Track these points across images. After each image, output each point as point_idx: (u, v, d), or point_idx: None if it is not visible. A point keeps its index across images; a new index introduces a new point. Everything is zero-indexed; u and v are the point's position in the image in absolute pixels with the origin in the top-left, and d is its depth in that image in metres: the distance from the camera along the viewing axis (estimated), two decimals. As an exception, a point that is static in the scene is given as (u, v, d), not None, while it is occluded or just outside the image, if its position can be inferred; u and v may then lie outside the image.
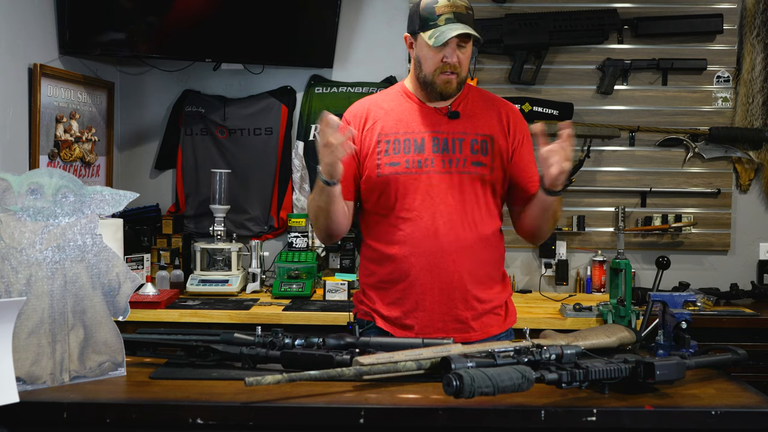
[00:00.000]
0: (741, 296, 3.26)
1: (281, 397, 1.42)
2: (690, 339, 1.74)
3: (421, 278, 1.98)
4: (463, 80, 2.03)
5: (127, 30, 3.23)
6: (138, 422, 1.40)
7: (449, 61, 1.96)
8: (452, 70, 1.98)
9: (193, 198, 3.62)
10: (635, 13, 3.47)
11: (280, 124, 3.59)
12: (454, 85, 2.00)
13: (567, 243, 3.53)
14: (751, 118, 3.45)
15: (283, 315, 2.92)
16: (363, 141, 2.06)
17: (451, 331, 1.97)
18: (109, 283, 1.60)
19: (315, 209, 2.01)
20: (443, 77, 1.99)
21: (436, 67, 1.98)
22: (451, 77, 1.99)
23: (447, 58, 1.96)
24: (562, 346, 1.49)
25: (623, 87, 3.51)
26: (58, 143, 3.10)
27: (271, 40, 3.40)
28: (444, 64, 1.97)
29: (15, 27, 2.85)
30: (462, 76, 2.01)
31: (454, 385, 1.30)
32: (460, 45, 1.96)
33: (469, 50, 2.01)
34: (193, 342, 1.66)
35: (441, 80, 1.99)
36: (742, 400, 1.46)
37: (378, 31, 3.60)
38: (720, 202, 3.52)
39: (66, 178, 1.58)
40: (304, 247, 3.39)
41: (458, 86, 2.02)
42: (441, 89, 2.00)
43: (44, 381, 1.52)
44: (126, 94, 3.67)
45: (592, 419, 1.38)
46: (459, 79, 2.00)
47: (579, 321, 2.89)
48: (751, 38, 3.44)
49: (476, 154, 2.01)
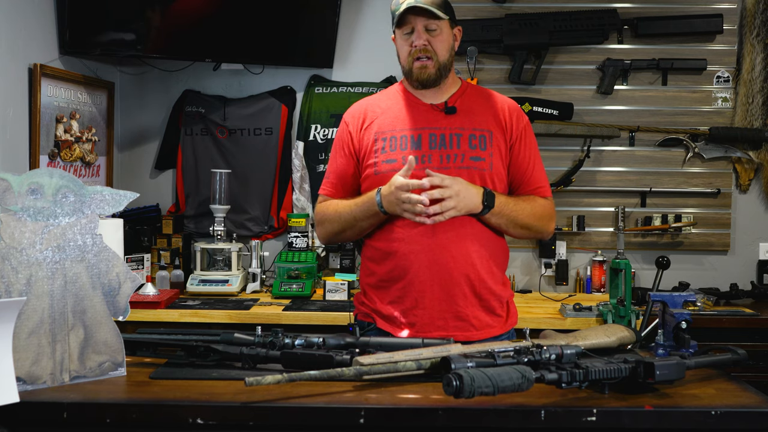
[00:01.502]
0: (741, 296, 3.26)
1: (281, 397, 1.42)
2: (690, 339, 1.74)
3: (420, 275, 1.97)
4: (443, 66, 2.03)
5: (127, 30, 3.23)
6: (138, 422, 1.40)
7: (417, 43, 1.99)
8: (424, 54, 1.99)
9: (193, 198, 3.62)
10: (635, 13, 3.47)
11: (280, 124, 3.60)
12: (431, 69, 2.01)
13: (567, 243, 3.53)
14: (751, 118, 3.45)
15: (283, 315, 2.92)
16: (361, 140, 2.07)
17: (452, 329, 1.97)
18: (109, 283, 1.60)
19: (350, 222, 2.03)
20: (417, 64, 2.01)
21: (409, 54, 2.01)
22: (427, 62, 2.00)
23: (414, 41, 1.99)
24: (562, 346, 1.49)
25: (623, 87, 3.51)
26: (58, 143, 3.10)
27: (271, 40, 3.40)
28: (414, 49, 2.00)
29: (15, 27, 2.85)
30: (440, 61, 2.01)
31: (454, 385, 1.30)
32: (429, 29, 1.99)
33: (444, 34, 2.01)
34: (193, 342, 1.66)
35: (416, 67, 2.01)
36: (742, 400, 1.46)
37: (378, 31, 3.60)
38: (720, 202, 3.52)
39: (66, 178, 1.58)
40: (304, 247, 3.40)
41: (437, 72, 2.02)
42: (417, 75, 2.02)
43: (44, 381, 1.52)
44: (126, 94, 3.67)
45: (592, 419, 1.38)
46: (436, 64, 2.01)
47: (579, 321, 2.89)
48: (751, 38, 3.44)
49: (474, 149, 2.00)
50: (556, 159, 3.50)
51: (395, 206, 1.91)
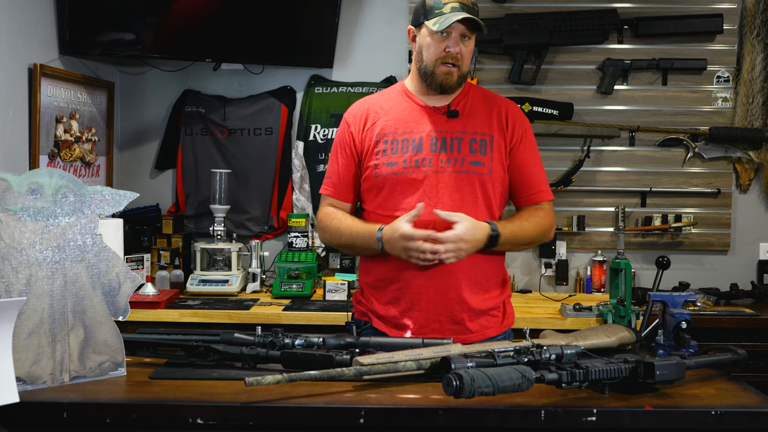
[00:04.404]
0: (741, 296, 3.26)
1: (281, 397, 1.42)
2: (690, 339, 1.74)
3: (416, 278, 1.97)
4: (464, 76, 2.02)
5: (127, 30, 3.23)
6: (138, 422, 1.40)
7: (452, 50, 1.95)
8: (454, 62, 1.97)
9: (193, 198, 3.62)
10: (635, 13, 3.47)
11: (280, 124, 3.60)
12: (455, 77, 1.99)
13: (567, 243, 3.53)
14: (751, 118, 3.45)
15: (283, 315, 2.92)
16: (363, 141, 2.06)
17: (448, 332, 1.96)
18: (109, 283, 1.60)
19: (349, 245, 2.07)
20: (444, 68, 1.98)
21: (438, 57, 1.97)
22: (453, 69, 1.98)
23: (450, 48, 1.95)
24: (562, 346, 1.49)
25: (623, 87, 3.51)
26: (58, 143, 3.10)
27: (271, 39, 3.40)
28: (446, 54, 1.96)
29: (15, 27, 2.85)
30: (463, 71, 2.00)
31: (454, 385, 1.30)
32: (463, 37, 1.96)
33: (472, 45, 2.00)
34: (193, 342, 1.66)
35: (441, 71, 1.98)
36: (742, 400, 1.46)
37: (378, 31, 3.60)
38: (720, 202, 3.52)
39: (66, 178, 1.58)
40: (304, 247, 3.40)
41: (459, 80, 2.00)
42: (441, 80, 1.99)
43: (44, 381, 1.52)
44: (126, 94, 3.67)
45: (592, 419, 1.38)
46: (460, 72, 1.99)
47: (579, 321, 2.89)
48: (751, 38, 3.44)
49: (475, 153, 2.00)
50: (556, 159, 3.50)
51: (399, 252, 1.91)
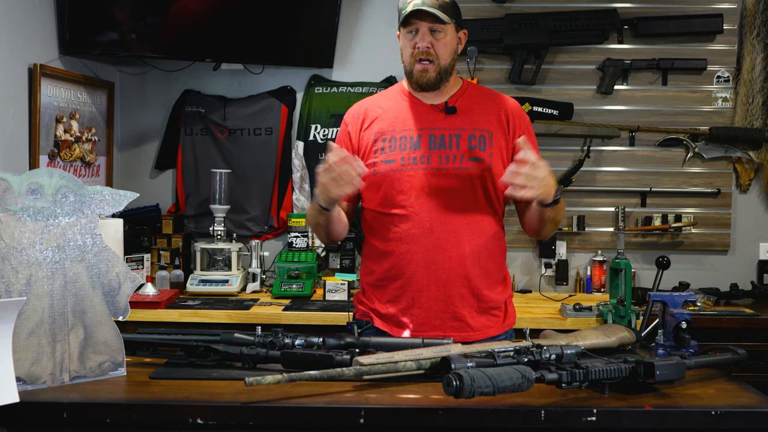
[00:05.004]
0: (741, 296, 3.26)
1: (281, 397, 1.42)
2: (690, 339, 1.74)
3: (417, 275, 1.97)
4: (444, 70, 2.02)
5: (127, 30, 3.23)
6: (138, 422, 1.40)
7: (420, 45, 1.98)
8: (426, 57, 1.98)
9: (193, 198, 3.62)
10: (635, 13, 3.47)
11: (280, 124, 3.60)
12: (431, 74, 2.00)
13: (567, 243, 3.53)
14: (751, 118, 3.45)
15: (283, 315, 2.92)
16: (361, 141, 2.07)
17: (449, 329, 1.97)
18: (109, 283, 1.60)
19: (314, 224, 2.05)
20: (418, 66, 2.00)
21: (411, 55, 2.00)
22: (428, 66, 1.99)
23: (418, 43, 1.98)
24: (562, 346, 1.49)
25: (623, 87, 3.51)
26: (58, 143, 3.10)
27: (271, 40, 3.40)
28: (417, 51, 1.99)
29: (15, 27, 2.85)
30: (441, 65, 2.00)
31: (454, 385, 1.30)
32: (433, 31, 1.97)
33: (449, 38, 2.00)
34: (193, 342, 1.66)
35: (417, 69, 2.00)
36: (742, 400, 1.46)
37: (378, 31, 3.60)
38: (720, 202, 3.52)
39: (66, 178, 1.58)
40: (304, 247, 3.40)
41: (438, 76, 2.01)
42: (417, 78, 2.01)
43: (44, 381, 1.52)
44: (126, 94, 3.67)
45: (592, 419, 1.38)
46: (437, 68, 2.00)
47: (579, 321, 2.89)
48: (751, 38, 3.44)
49: (473, 149, 2.00)
50: (556, 159, 3.50)
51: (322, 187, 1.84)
